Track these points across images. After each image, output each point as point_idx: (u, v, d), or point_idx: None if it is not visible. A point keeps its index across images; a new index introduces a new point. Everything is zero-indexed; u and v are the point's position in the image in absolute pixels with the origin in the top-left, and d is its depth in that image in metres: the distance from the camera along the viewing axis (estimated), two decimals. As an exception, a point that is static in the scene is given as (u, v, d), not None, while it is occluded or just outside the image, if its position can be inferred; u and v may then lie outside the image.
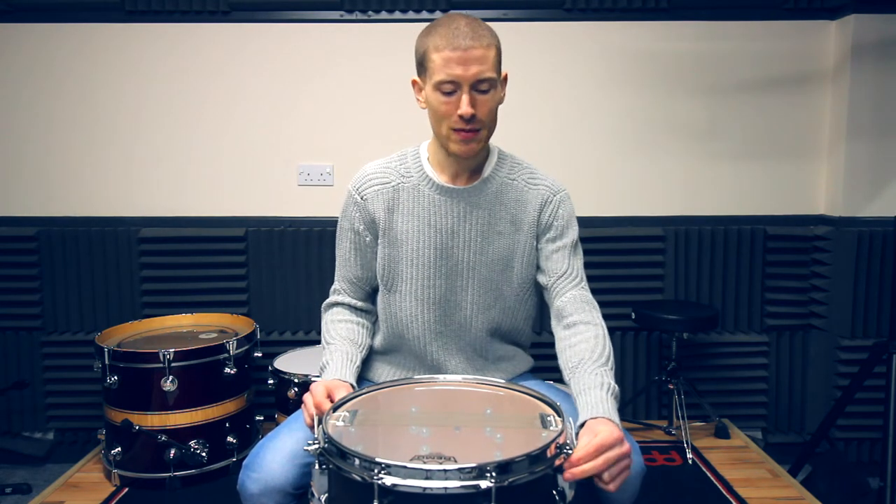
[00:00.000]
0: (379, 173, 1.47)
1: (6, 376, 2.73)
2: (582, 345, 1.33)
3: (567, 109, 2.71)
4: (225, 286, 2.74)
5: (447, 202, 1.43)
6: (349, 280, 1.52)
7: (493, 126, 1.38)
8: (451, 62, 1.28)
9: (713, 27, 2.66)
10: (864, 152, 2.62)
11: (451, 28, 1.29)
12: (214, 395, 2.28)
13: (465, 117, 1.30)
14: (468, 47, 1.27)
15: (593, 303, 1.43)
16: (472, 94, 1.30)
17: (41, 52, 2.66)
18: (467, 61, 1.28)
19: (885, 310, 2.64)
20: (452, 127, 1.33)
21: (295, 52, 2.67)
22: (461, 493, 0.94)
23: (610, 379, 1.26)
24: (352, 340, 1.47)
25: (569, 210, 1.48)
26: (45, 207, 2.72)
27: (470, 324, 1.47)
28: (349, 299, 1.52)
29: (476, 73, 1.29)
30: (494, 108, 1.36)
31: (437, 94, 1.32)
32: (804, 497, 2.20)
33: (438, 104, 1.33)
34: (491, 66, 1.31)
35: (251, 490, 1.26)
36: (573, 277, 1.44)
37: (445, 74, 1.29)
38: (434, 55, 1.30)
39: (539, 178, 1.48)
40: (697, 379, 2.76)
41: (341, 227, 1.51)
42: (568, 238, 1.46)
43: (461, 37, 1.28)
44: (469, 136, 1.33)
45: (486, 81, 1.30)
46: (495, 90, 1.34)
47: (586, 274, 1.49)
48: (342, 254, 1.52)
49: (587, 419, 1.17)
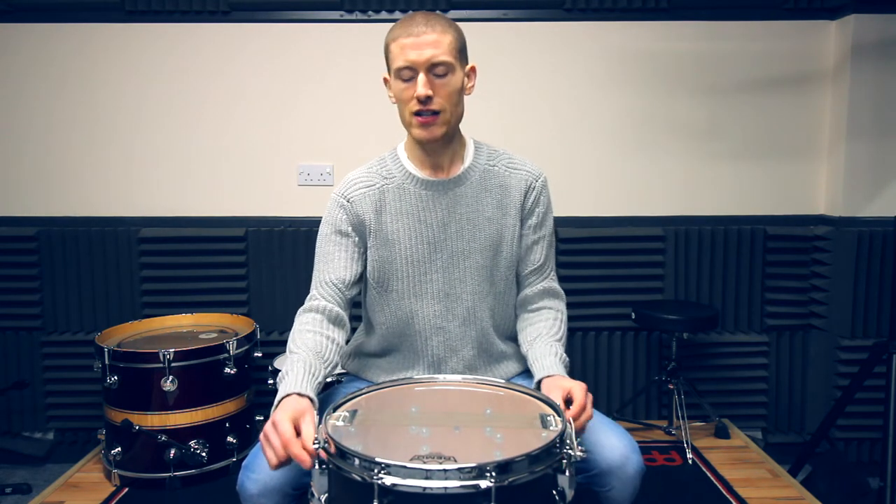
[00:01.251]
0: (363, 178, 1.49)
1: (6, 376, 2.73)
2: (541, 324, 1.49)
3: (567, 109, 2.71)
4: (225, 286, 2.74)
5: (433, 196, 1.46)
6: (329, 283, 1.44)
7: (456, 112, 1.41)
8: (407, 48, 1.34)
9: (713, 27, 2.66)
10: (864, 152, 2.62)
11: (407, 20, 1.38)
12: (214, 395, 2.28)
13: (420, 98, 1.35)
14: (421, 32, 1.34)
15: (559, 292, 1.56)
16: (429, 77, 1.35)
17: (41, 52, 2.66)
18: (421, 45, 1.34)
19: (885, 310, 2.64)
20: (412, 111, 1.38)
21: (295, 52, 2.67)
22: (461, 492, 0.95)
23: (562, 351, 1.43)
24: (317, 353, 1.33)
25: (548, 195, 1.55)
26: (45, 207, 2.72)
27: (472, 314, 1.48)
28: (325, 304, 1.43)
29: (430, 57, 1.34)
30: (454, 92, 1.39)
31: (398, 81, 1.38)
32: (804, 497, 2.20)
33: (399, 91, 1.39)
34: (446, 51, 1.35)
35: (251, 490, 1.26)
36: (545, 269, 1.54)
37: (402, 61, 1.35)
38: (392, 45, 1.37)
39: (518, 163, 1.53)
40: (697, 379, 2.76)
41: (323, 234, 1.49)
42: (547, 228, 1.54)
43: (415, 24, 1.35)
44: (429, 119, 1.37)
45: (442, 65, 1.35)
46: (453, 74, 1.37)
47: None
48: (323, 257, 1.47)
49: (543, 377, 1.35)
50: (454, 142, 1.47)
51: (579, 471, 1.27)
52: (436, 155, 1.46)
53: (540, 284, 1.53)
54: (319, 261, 1.49)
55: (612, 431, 1.33)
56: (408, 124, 1.41)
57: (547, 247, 1.54)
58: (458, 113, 1.43)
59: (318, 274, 1.48)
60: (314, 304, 1.44)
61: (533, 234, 1.51)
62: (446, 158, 1.47)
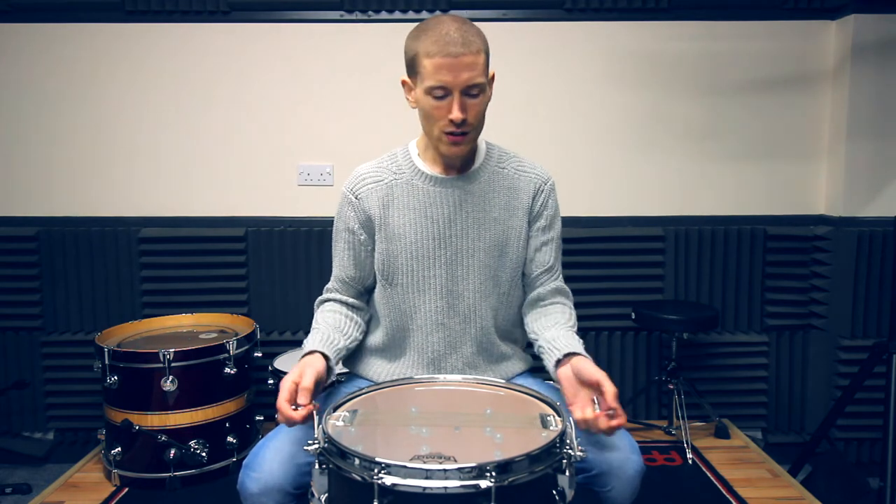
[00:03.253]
0: (372, 173, 1.50)
1: (6, 376, 2.73)
2: (556, 314, 1.49)
3: (567, 109, 2.70)
4: (225, 286, 2.74)
5: (441, 192, 1.47)
6: (342, 280, 1.53)
7: (481, 126, 1.43)
8: (443, 69, 1.31)
9: (713, 27, 2.66)
10: (864, 152, 2.62)
11: (441, 34, 1.31)
12: (214, 395, 2.28)
13: (456, 122, 1.34)
14: (459, 54, 1.30)
15: (568, 292, 1.57)
16: (463, 100, 1.34)
17: (41, 52, 2.66)
18: (458, 68, 1.30)
19: (885, 310, 2.64)
20: (444, 130, 1.37)
21: (295, 52, 2.67)
22: (461, 492, 0.95)
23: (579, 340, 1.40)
24: (336, 328, 1.46)
25: (556, 199, 1.56)
26: (45, 207, 2.72)
27: (474, 312, 1.48)
28: (341, 296, 1.53)
29: (467, 80, 1.32)
30: (483, 110, 1.40)
31: (428, 98, 1.35)
32: (804, 497, 2.20)
33: (430, 108, 1.36)
34: (481, 72, 1.34)
35: (251, 490, 1.26)
36: (555, 271, 1.55)
37: (436, 81, 1.32)
38: (425, 60, 1.32)
39: (527, 166, 1.54)
40: (697, 379, 2.76)
41: (336, 229, 1.54)
42: (555, 230, 1.55)
43: (452, 44, 1.30)
44: (459, 139, 1.38)
45: (477, 87, 1.34)
46: (484, 94, 1.38)
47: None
48: (337, 254, 1.54)
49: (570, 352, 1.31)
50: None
51: (579, 471, 1.27)
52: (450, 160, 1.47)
53: (551, 284, 1.54)
54: (335, 256, 1.55)
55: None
56: (435, 139, 1.40)
57: (556, 248, 1.55)
58: (483, 126, 1.44)
59: (334, 269, 1.55)
60: (332, 296, 1.54)
61: (542, 236, 1.52)
62: (459, 160, 1.48)
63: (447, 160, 1.46)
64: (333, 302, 1.53)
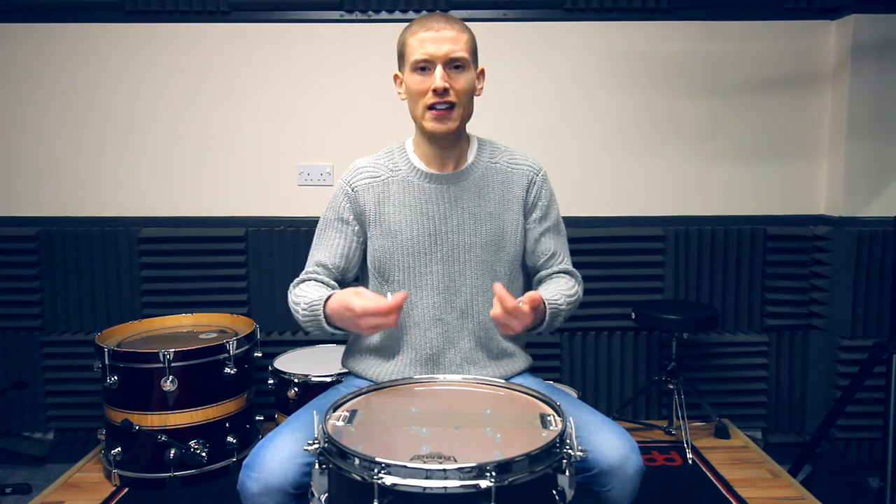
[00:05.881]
0: (369, 167, 1.53)
1: (6, 376, 2.73)
2: (560, 280, 1.53)
3: (567, 109, 2.70)
4: (225, 286, 2.74)
5: (436, 189, 1.49)
6: (324, 264, 1.52)
7: (468, 108, 1.46)
8: (426, 42, 1.39)
9: (713, 27, 2.66)
10: (864, 152, 2.62)
11: (424, 18, 1.43)
12: (214, 395, 2.28)
13: (438, 90, 1.39)
14: (440, 28, 1.40)
15: (576, 273, 1.59)
16: (446, 71, 1.40)
17: (41, 52, 2.66)
18: (440, 40, 1.39)
19: (885, 310, 2.64)
20: (427, 104, 1.42)
21: (295, 52, 2.67)
22: (461, 492, 0.95)
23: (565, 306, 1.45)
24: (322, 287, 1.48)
25: (550, 187, 1.59)
26: (45, 207, 2.72)
27: (471, 307, 1.49)
28: (322, 278, 1.51)
29: (448, 52, 1.39)
30: (468, 89, 1.44)
31: (413, 75, 1.42)
32: (804, 497, 2.20)
33: (415, 84, 1.42)
34: (463, 47, 1.41)
35: (251, 490, 1.26)
36: (559, 256, 1.58)
37: (420, 53, 1.40)
38: (410, 39, 1.42)
39: (519, 158, 1.57)
40: (697, 379, 2.76)
41: (326, 219, 1.56)
42: (552, 218, 1.57)
43: (434, 21, 1.41)
44: (443, 113, 1.42)
45: (459, 61, 1.41)
46: (468, 72, 1.43)
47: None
48: (323, 240, 1.54)
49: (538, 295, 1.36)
50: (461, 140, 1.52)
51: (579, 471, 1.27)
52: (443, 152, 1.50)
53: (557, 267, 1.56)
54: (318, 242, 1.55)
55: (611, 431, 1.33)
56: (420, 118, 1.44)
57: (556, 235, 1.58)
58: (470, 111, 1.48)
59: (315, 254, 1.54)
60: (312, 277, 1.52)
61: (539, 227, 1.55)
62: (452, 156, 1.51)
63: (440, 148, 1.48)
64: (310, 282, 1.50)
